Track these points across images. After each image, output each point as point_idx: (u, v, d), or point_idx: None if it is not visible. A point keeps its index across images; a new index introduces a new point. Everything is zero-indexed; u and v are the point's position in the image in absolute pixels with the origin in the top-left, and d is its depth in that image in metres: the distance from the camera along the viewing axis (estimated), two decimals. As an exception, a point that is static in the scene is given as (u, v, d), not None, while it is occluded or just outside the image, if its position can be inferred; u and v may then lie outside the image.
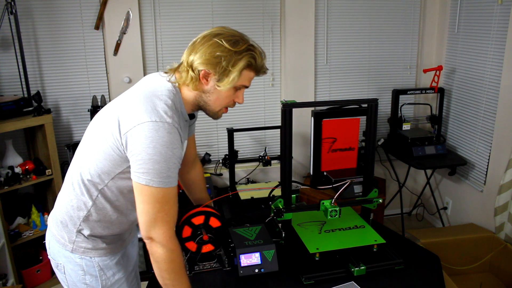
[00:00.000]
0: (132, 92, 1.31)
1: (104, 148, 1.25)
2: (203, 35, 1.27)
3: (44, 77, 2.83)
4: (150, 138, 1.16)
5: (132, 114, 1.21)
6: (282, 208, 1.61)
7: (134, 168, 1.20)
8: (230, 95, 1.32)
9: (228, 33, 1.26)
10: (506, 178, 2.55)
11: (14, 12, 2.48)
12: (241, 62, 1.24)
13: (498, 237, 2.64)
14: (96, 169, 1.28)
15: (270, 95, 3.20)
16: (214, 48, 1.23)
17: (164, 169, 1.19)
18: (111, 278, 1.40)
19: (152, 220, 1.22)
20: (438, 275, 1.57)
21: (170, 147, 1.19)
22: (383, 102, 3.32)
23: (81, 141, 1.38)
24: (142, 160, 1.18)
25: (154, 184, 1.19)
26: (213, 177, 3.16)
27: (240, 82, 1.28)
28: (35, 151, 2.79)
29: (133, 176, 1.21)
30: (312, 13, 3.06)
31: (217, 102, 1.33)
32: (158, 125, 1.17)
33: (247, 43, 1.26)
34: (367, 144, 1.70)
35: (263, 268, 1.50)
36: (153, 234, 1.23)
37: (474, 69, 2.93)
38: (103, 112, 1.34)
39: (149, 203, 1.21)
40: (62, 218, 1.37)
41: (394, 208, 3.59)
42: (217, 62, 1.23)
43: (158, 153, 1.17)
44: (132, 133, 1.18)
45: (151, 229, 1.22)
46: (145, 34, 2.90)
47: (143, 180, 1.19)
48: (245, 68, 1.26)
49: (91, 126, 1.36)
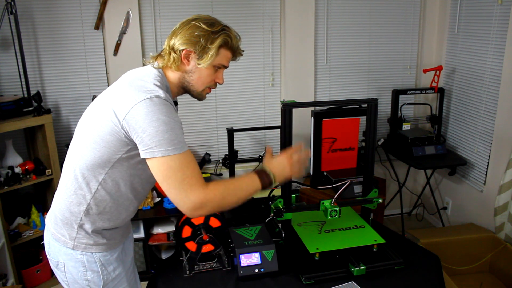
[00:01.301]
0: (118, 84, 1.34)
1: (102, 136, 1.27)
2: (182, 22, 1.38)
3: (44, 77, 2.83)
4: (151, 113, 1.20)
5: (125, 99, 1.24)
6: (282, 208, 1.61)
7: (145, 146, 1.22)
8: (211, 74, 1.39)
9: (204, 17, 1.37)
10: (506, 178, 2.55)
11: (14, 12, 2.49)
12: (218, 39, 1.34)
13: (498, 237, 2.64)
14: (95, 158, 1.29)
15: (270, 95, 3.20)
16: (193, 30, 1.33)
17: (173, 136, 1.22)
18: (111, 273, 1.42)
19: (183, 190, 1.22)
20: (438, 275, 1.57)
21: (171, 116, 1.23)
22: (383, 102, 3.32)
23: (72, 140, 1.39)
24: (150, 135, 1.20)
25: (170, 153, 1.21)
26: (213, 177, 3.16)
27: (218, 60, 1.37)
28: (35, 151, 2.79)
29: (145, 155, 1.23)
30: (312, 13, 3.06)
31: (199, 81, 1.40)
32: (153, 100, 1.22)
33: (222, 25, 1.38)
34: (367, 144, 1.70)
35: (263, 268, 1.51)
36: (190, 204, 1.23)
37: (474, 69, 2.93)
38: (91, 108, 1.36)
39: (172, 175, 1.22)
40: (62, 215, 1.37)
41: (394, 208, 3.59)
42: (196, 41, 1.32)
43: (162, 124, 1.20)
44: (132, 115, 1.21)
45: (185, 200, 1.22)
46: (145, 34, 2.90)
47: (159, 152, 1.21)
48: (222, 47, 1.35)
49: (81, 124, 1.37)
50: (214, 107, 3.13)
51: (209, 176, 3.09)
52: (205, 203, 1.24)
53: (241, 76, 3.10)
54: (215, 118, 3.16)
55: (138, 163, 1.32)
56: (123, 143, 1.26)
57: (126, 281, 1.48)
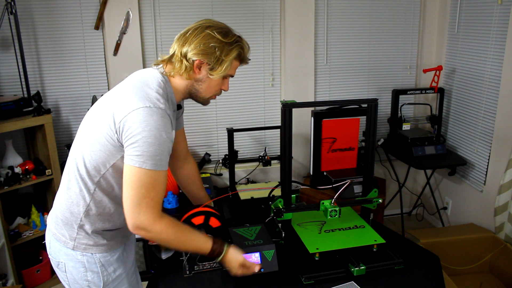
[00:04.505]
0: (122, 86, 1.35)
1: (98, 139, 1.29)
2: (194, 28, 1.34)
3: (44, 77, 2.83)
4: (145, 122, 1.21)
5: (125, 103, 1.25)
6: (282, 208, 1.61)
7: (129, 152, 1.23)
8: (220, 83, 1.42)
9: (217, 25, 1.35)
10: (506, 178, 2.55)
11: (14, 12, 2.48)
12: (233, 52, 1.34)
13: (498, 237, 2.64)
14: (91, 161, 1.31)
15: (270, 95, 3.20)
16: (208, 40, 1.31)
17: (158, 151, 1.23)
18: (112, 274, 1.42)
19: (137, 205, 1.24)
20: (438, 275, 1.57)
21: (164, 131, 1.24)
22: (383, 102, 3.32)
23: (75, 139, 1.40)
24: (137, 143, 1.21)
25: (146, 166, 1.22)
26: (213, 177, 3.16)
27: (229, 71, 1.38)
28: (35, 151, 2.79)
29: (126, 160, 1.24)
30: (312, 13, 3.06)
31: (208, 89, 1.42)
32: (152, 110, 1.23)
33: (235, 35, 1.37)
34: (367, 144, 1.70)
35: (263, 268, 1.50)
36: (137, 221, 1.25)
37: (474, 69, 2.93)
38: (95, 108, 1.38)
39: (136, 188, 1.23)
40: (62, 215, 1.38)
41: (394, 208, 3.59)
42: (211, 52, 1.32)
43: (152, 136, 1.21)
44: (127, 119, 1.22)
45: (136, 215, 1.24)
46: (145, 34, 2.90)
47: (137, 162, 1.22)
48: (235, 59, 1.37)
49: (83, 123, 1.39)
50: (214, 107, 3.13)
51: (209, 176, 3.08)
52: (149, 230, 1.26)
53: (241, 76, 3.10)
54: (215, 118, 3.16)
55: None
56: (117, 148, 1.28)
57: (127, 282, 1.48)
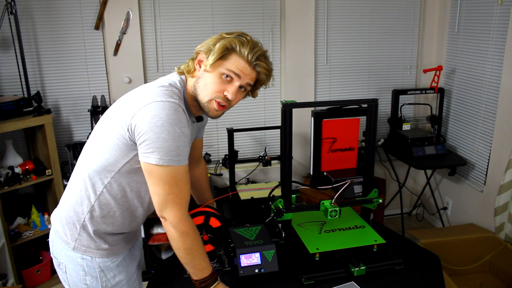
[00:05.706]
0: (139, 87, 1.34)
1: (111, 138, 1.26)
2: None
3: (44, 77, 2.83)
4: (157, 117, 1.17)
5: (137, 99, 1.23)
6: (282, 208, 1.61)
7: (143, 149, 1.20)
8: (216, 81, 1.29)
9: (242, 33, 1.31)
10: (506, 178, 2.55)
11: (14, 12, 2.49)
12: (224, 41, 1.27)
13: (498, 237, 2.64)
14: (102, 161, 1.28)
15: (270, 95, 3.20)
16: (217, 38, 1.29)
17: (173, 147, 1.18)
18: (111, 280, 1.40)
19: (163, 202, 1.23)
20: (438, 275, 1.57)
21: (178, 125, 1.19)
22: (383, 102, 3.32)
23: (88, 140, 1.39)
24: (150, 140, 1.17)
25: (163, 163, 1.19)
26: (213, 177, 3.16)
27: (226, 66, 1.27)
28: (35, 151, 2.79)
29: (142, 157, 1.21)
30: (312, 14, 3.06)
31: (205, 88, 1.30)
32: (164, 104, 1.18)
33: (243, 33, 1.31)
34: (367, 144, 1.70)
35: (263, 268, 1.50)
36: (165, 214, 1.25)
37: (474, 69, 2.93)
38: (111, 109, 1.36)
39: (159, 185, 1.22)
40: (66, 214, 1.37)
41: (394, 208, 3.59)
42: (209, 46, 1.29)
43: (166, 131, 1.17)
44: (139, 114, 1.19)
45: (163, 209, 1.25)
46: (145, 34, 2.90)
47: (153, 159, 1.19)
48: (231, 52, 1.26)
49: (97, 125, 1.37)
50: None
51: (209, 176, 3.09)
52: (175, 226, 1.25)
53: (241, 76, 3.10)
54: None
55: None
56: (130, 147, 1.25)
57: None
